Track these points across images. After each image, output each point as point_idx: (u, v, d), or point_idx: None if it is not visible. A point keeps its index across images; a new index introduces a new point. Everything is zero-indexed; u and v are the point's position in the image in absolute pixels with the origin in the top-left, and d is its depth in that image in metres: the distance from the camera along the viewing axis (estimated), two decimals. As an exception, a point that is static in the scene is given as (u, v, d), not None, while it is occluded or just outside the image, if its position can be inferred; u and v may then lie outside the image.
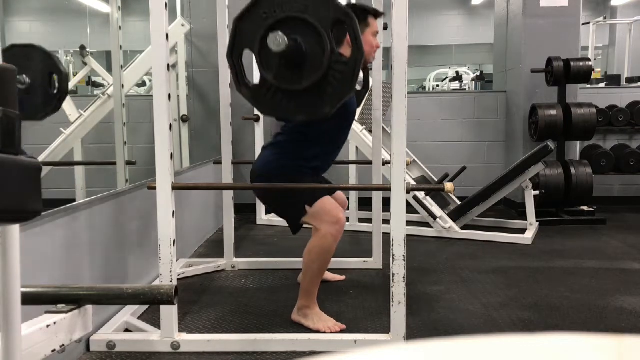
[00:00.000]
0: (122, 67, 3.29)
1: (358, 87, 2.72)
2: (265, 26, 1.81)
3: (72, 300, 1.26)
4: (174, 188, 2.08)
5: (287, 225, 2.45)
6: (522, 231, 3.97)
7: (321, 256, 2.25)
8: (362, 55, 1.79)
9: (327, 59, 1.79)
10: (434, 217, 3.99)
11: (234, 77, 1.90)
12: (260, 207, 4.53)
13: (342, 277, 2.95)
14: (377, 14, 2.45)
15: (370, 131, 3.61)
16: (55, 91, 2.33)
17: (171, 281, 2.07)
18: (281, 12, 1.81)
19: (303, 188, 2.27)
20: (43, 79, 2.30)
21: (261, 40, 1.82)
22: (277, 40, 1.74)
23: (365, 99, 4.37)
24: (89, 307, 1.30)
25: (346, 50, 2.01)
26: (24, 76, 2.24)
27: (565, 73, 4.42)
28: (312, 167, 2.39)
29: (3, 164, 0.72)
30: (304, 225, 2.40)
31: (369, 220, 3.49)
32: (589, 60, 4.58)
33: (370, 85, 3.13)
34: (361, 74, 2.84)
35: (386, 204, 2.40)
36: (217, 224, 4.19)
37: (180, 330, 2.18)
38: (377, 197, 3.31)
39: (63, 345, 1.21)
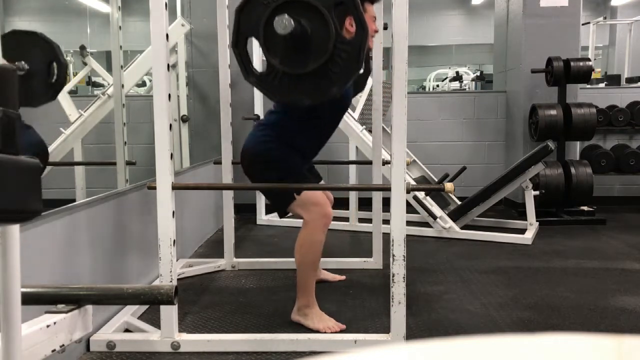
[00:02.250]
0: (122, 67, 3.28)
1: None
2: (268, 12, 1.81)
3: (72, 300, 1.26)
4: (174, 188, 2.08)
5: (287, 225, 2.46)
6: (522, 231, 3.97)
7: (311, 249, 2.28)
8: (367, 33, 1.79)
9: (332, 40, 1.79)
10: (434, 217, 3.99)
11: (241, 66, 1.91)
12: (260, 207, 4.53)
13: (342, 277, 2.96)
14: (373, 0, 2.46)
15: (370, 131, 3.61)
16: (53, 80, 2.32)
17: (171, 281, 2.07)
18: None
19: (297, 187, 2.27)
20: (42, 67, 2.28)
21: (265, 26, 1.82)
22: (284, 23, 1.74)
23: (365, 99, 4.38)
24: (89, 307, 1.30)
25: (346, 33, 2.01)
26: (23, 62, 2.22)
27: (565, 73, 4.42)
28: (302, 151, 2.40)
29: (3, 164, 0.72)
30: (292, 222, 2.42)
31: (369, 220, 3.49)
32: (589, 60, 4.58)
33: (371, 86, 3.13)
34: None
35: (386, 204, 2.40)
36: (217, 224, 4.19)
37: (180, 330, 2.18)
38: (377, 197, 3.31)
39: (63, 345, 1.21)
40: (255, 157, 2.36)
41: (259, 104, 4.59)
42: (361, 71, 3.24)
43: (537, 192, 4.13)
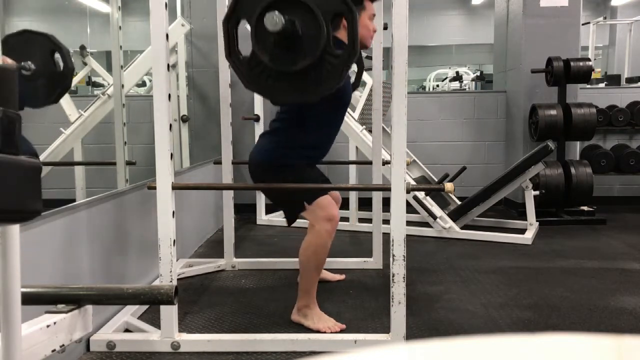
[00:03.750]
0: (122, 67, 3.28)
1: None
2: (265, 3, 1.79)
3: (72, 300, 1.26)
4: (174, 188, 2.08)
5: (287, 225, 2.46)
6: (522, 231, 3.97)
7: (316, 253, 2.26)
8: (356, 54, 1.80)
9: (321, 47, 1.79)
10: (434, 217, 3.99)
11: (226, 44, 1.88)
12: (261, 207, 4.53)
13: (342, 277, 2.96)
14: None
15: (370, 131, 3.61)
16: (62, 68, 2.30)
17: (171, 281, 2.07)
18: None
19: (304, 188, 2.27)
20: (47, 60, 2.27)
21: (259, 14, 1.80)
22: (274, 20, 1.73)
23: (365, 99, 4.38)
24: (89, 307, 1.30)
25: (342, 35, 2.01)
26: (28, 63, 2.20)
27: (565, 73, 4.42)
28: (309, 155, 2.39)
29: (3, 164, 0.72)
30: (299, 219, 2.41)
31: (369, 220, 3.49)
32: (589, 60, 4.58)
33: (371, 87, 3.13)
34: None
35: (386, 204, 2.40)
36: (217, 224, 4.19)
37: (180, 330, 2.18)
38: (377, 197, 3.31)
39: (63, 345, 1.21)
40: (265, 165, 2.34)
41: (259, 104, 4.59)
42: (355, 70, 3.23)
43: (537, 192, 4.13)
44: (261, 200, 4.49)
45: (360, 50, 2.50)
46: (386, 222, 2.44)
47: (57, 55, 2.30)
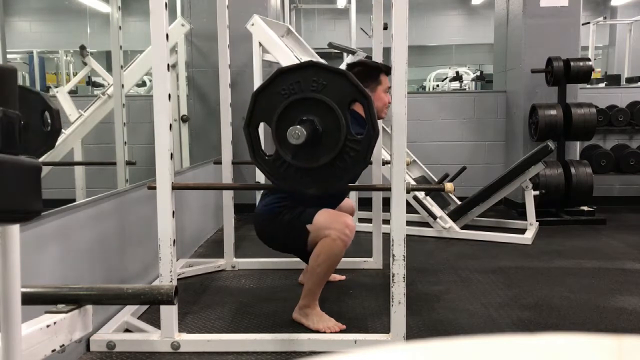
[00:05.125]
0: (122, 67, 3.29)
1: None
2: (283, 106, 1.86)
3: (72, 300, 1.26)
4: (174, 188, 2.08)
5: (307, 264, 2.42)
6: (522, 231, 3.97)
7: (328, 261, 2.21)
8: (377, 136, 1.86)
9: (343, 138, 1.85)
10: (434, 217, 3.99)
11: (250, 148, 1.94)
12: (260, 207, 4.52)
13: (342, 277, 2.96)
14: (388, 71, 2.50)
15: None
16: (49, 129, 2.32)
17: (171, 281, 2.07)
18: (299, 91, 1.86)
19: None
20: (36, 118, 2.28)
21: (279, 116, 1.87)
22: (297, 134, 1.79)
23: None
24: (89, 307, 1.30)
25: (358, 107, 2.08)
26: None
27: (565, 73, 4.42)
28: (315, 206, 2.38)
29: (3, 164, 0.72)
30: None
31: (369, 220, 3.48)
32: (589, 60, 4.58)
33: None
34: None
35: (386, 204, 2.39)
36: (217, 224, 4.19)
37: (180, 330, 2.18)
38: (377, 197, 3.31)
39: (63, 345, 1.21)
40: (265, 216, 2.35)
41: (259, 104, 4.58)
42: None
43: (537, 192, 4.13)
44: (261, 200, 4.49)
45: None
46: (386, 222, 2.44)
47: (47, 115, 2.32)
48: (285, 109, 1.86)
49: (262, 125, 1.99)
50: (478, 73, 9.48)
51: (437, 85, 10.34)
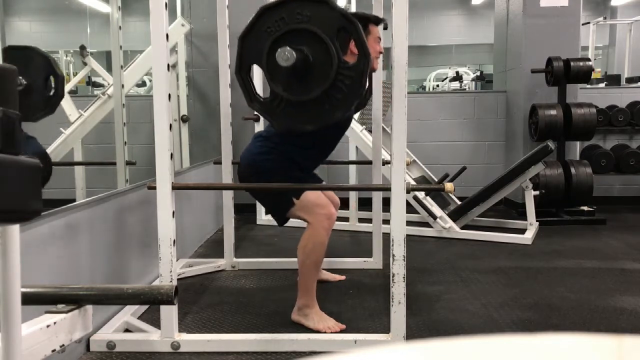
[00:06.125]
0: (122, 67, 3.28)
1: None
2: (270, 41, 1.83)
3: (72, 300, 1.26)
4: (174, 188, 2.08)
5: (287, 225, 2.46)
6: (522, 231, 3.97)
7: (314, 251, 2.26)
8: (369, 58, 1.81)
9: (335, 66, 1.81)
10: (434, 217, 3.99)
11: (245, 93, 1.93)
12: (260, 207, 4.52)
13: (342, 277, 2.96)
14: (377, 21, 2.48)
15: (370, 131, 3.60)
16: (51, 93, 2.33)
17: (171, 281, 2.07)
18: (285, 25, 1.83)
19: (297, 187, 2.27)
20: (40, 81, 2.29)
21: (268, 54, 1.84)
22: (286, 55, 1.77)
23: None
24: (89, 307, 1.30)
25: (349, 58, 2.02)
26: (21, 78, 2.24)
27: (565, 73, 4.42)
28: (299, 166, 2.39)
29: (3, 164, 0.72)
30: (292, 222, 2.41)
31: (369, 220, 3.49)
32: (589, 60, 4.58)
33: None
34: None
35: (386, 204, 2.40)
36: (217, 224, 4.19)
37: (180, 330, 2.18)
38: (377, 197, 3.31)
39: (63, 345, 1.21)
40: (251, 168, 2.36)
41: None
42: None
43: (537, 192, 4.13)
44: (261, 200, 4.49)
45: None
46: (386, 222, 2.44)
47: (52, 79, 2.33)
48: (273, 43, 1.82)
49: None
50: (478, 73, 9.47)
51: (437, 85, 10.33)
